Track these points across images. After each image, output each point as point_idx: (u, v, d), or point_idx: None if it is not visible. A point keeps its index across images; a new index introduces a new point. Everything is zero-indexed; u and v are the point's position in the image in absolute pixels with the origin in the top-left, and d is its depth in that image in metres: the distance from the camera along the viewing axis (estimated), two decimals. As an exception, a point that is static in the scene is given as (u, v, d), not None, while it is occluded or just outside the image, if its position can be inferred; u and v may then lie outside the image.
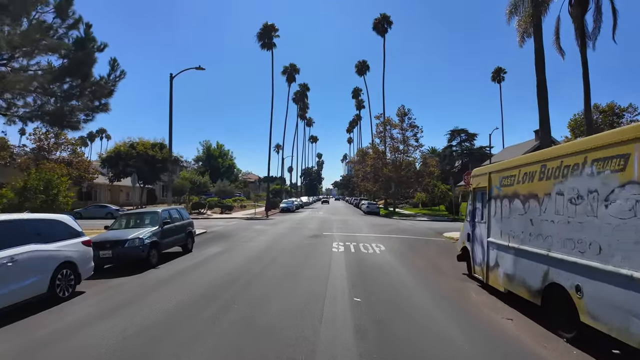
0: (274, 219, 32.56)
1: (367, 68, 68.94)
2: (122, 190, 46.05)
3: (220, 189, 47.46)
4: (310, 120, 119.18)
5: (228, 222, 27.30)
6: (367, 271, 9.75)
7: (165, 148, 39.77)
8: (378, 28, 54.48)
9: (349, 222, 27.30)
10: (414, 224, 26.53)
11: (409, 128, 42.14)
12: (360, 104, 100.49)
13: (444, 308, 6.63)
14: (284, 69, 62.16)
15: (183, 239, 12.71)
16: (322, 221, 28.45)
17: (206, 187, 44.32)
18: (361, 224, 25.62)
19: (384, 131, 43.89)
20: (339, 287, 7.97)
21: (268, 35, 48.91)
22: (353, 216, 36.54)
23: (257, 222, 27.64)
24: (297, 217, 33.97)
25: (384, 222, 28.84)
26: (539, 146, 46.52)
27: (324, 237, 17.16)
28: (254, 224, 26.24)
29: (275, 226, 23.67)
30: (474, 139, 73.21)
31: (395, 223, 27.46)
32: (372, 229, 22.35)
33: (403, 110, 42.06)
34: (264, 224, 25.99)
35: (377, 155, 44.62)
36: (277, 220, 29.45)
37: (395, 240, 16.88)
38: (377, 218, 34.68)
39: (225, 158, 70.90)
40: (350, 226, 23.85)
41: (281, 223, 26.42)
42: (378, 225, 24.65)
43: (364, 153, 72.42)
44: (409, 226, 24.86)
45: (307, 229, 21.29)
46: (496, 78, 76.63)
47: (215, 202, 40.03)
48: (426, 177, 40.81)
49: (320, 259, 11.45)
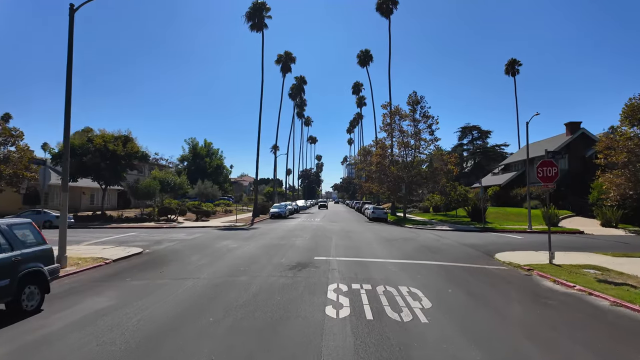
0: (257, 228, 25.80)
1: (371, 58, 62.40)
2: (84, 193, 39.29)
3: (201, 191, 40.70)
4: (308, 119, 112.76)
5: (192, 234, 20.56)
6: None
7: (130, 142, 33.12)
8: (382, 9, 48.01)
9: (352, 235, 20.55)
10: (439, 237, 19.79)
11: (422, 119, 35.49)
12: (362, 101, 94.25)
13: None
14: (279, 58, 55.49)
15: (6, 291, 5.96)
16: (316, 233, 21.68)
17: (182, 189, 37.59)
18: (370, 238, 18.87)
19: (392, 123, 37.21)
20: None
21: (259, 14, 42.37)
22: (357, 224, 29.78)
23: (231, 234, 20.91)
24: (286, 226, 27.22)
25: (398, 233, 22.11)
26: (572, 140, 39.99)
27: (314, 270, 10.32)
28: (226, 236, 19.51)
29: (249, 242, 16.92)
30: (487, 137, 66.79)
31: (413, 235, 20.70)
32: (388, 247, 15.59)
33: (415, 97, 35.39)
34: (237, 237, 19.25)
35: (383, 151, 37.88)
36: (259, 232, 22.67)
37: (433, 273, 10.14)
38: (386, 227, 27.93)
39: (214, 157, 64.34)
40: (356, 242, 17.08)
41: (261, 236, 19.65)
42: (394, 240, 17.89)
43: (367, 151, 65.83)
44: (435, 240, 18.12)
45: (292, 249, 14.51)
46: (510, 71, 70.25)
47: (189, 207, 33.32)
48: (443, 176, 34.08)
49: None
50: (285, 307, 6.70)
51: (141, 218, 30.74)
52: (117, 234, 20.56)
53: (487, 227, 26.26)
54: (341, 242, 17.02)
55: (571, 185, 37.99)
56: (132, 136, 34.11)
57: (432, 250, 14.71)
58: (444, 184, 33.89)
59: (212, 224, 28.94)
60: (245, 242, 16.88)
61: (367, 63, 62.39)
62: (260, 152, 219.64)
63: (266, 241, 17.26)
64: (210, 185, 40.39)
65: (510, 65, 69.66)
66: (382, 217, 35.08)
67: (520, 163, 47.97)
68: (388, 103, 37.78)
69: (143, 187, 31.74)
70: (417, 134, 35.92)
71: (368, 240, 17.71)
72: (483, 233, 23.15)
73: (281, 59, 55.25)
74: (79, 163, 30.88)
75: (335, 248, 14.83)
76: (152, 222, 29.01)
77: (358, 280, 8.90)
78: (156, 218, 30.71)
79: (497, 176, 52.88)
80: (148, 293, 7.71)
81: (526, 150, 28.44)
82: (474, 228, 25.87)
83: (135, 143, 33.65)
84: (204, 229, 24.95)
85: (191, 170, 60.22)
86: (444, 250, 14.80)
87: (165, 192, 36.82)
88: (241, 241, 17.14)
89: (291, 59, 55.49)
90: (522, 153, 50.97)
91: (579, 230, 23.80)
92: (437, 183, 33.87)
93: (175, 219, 30.69)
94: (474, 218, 32.12)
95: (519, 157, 49.36)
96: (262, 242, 16.99)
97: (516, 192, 43.53)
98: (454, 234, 22.35)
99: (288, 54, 55.34)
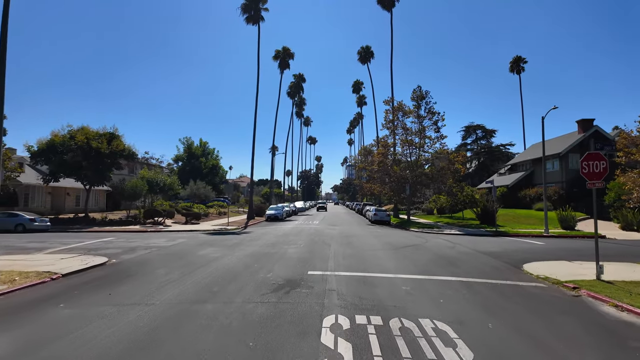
0: (249, 232, 23.60)
1: (372, 55, 60.26)
2: (68, 194, 37.01)
3: (193, 192, 38.48)
4: (308, 119, 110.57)
5: (174, 240, 18.35)
6: None
7: (116, 139, 30.91)
8: (384, 2, 45.90)
9: (354, 240, 18.35)
10: (452, 243, 17.59)
11: (427, 115, 33.30)
12: (362, 100, 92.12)
13: None
14: (276, 54, 53.24)
15: None
16: (313, 238, 19.48)
17: (172, 190, 35.37)
18: (374, 245, 16.66)
19: (394, 120, 35.03)
20: None
21: (255, 6, 40.24)
22: (358, 227, 27.57)
23: (218, 239, 18.72)
24: (281, 230, 25.02)
25: (405, 238, 19.91)
26: (585, 138, 37.76)
27: (306, 292, 8.00)
28: (211, 242, 17.31)
29: (234, 250, 14.70)
30: (492, 136, 64.50)
31: (421, 241, 18.50)
32: (396, 256, 13.36)
33: (420, 92, 33.21)
34: (223, 243, 17.06)
35: (385, 150, 35.71)
36: (249, 237, 20.47)
37: (459, 295, 7.89)
38: (390, 230, 25.72)
39: (209, 157, 62.13)
40: (358, 250, 14.86)
41: (250, 243, 17.45)
42: (402, 248, 15.67)
43: (368, 151, 63.64)
44: (448, 248, 15.90)
45: (282, 260, 12.28)
46: (515, 68, 68.18)
47: (179, 209, 31.14)
48: (450, 176, 31.88)
49: None
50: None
51: (126, 221, 28.55)
52: (92, 239, 18.37)
53: (499, 230, 24.08)
54: (341, 249, 14.79)
55: (585, 186, 35.78)
56: (118, 133, 31.90)
57: (449, 261, 12.50)
58: (450, 185, 31.69)
59: (202, 227, 26.75)
60: (231, 250, 14.66)
61: (367, 60, 60.28)
62: (258, 152, 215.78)
63: (255, 249, 15.03)
64: (204, 185, 38.15)
65: (515, 62, 67.62)
66: (385, 220, 32.90)
67: (529, 162, 45.77)
68: (391, 99, 35.58)
69: (129, 187, 29.56)
70: (421, 132, 33.72)
71: (372, 248, 15.50)
72: (497, 238, 20.97)
73: (279, 54, 53.07)
74: (59, 161, 28.70)
75: (333, 258, 12.61)
76: (137, 226, 26.83)
77: (364, 308, 6.69)
78: (142, 221, 28.52)
79: (503, 176, 50.69)
80: (67, 332, 5.48)
81: (542, 147, 26.22)
82: (486, 232, 23.68)
83: (122, 140, 31.42)
84: (191, 233, 22.76)
85: (185, 171, 58.04)
86: (462, 261, 12.58)
87: (154, 193, 34.63)
88: (226, 249, 14.91)
89: (289, 55, 53.30)
90: (530, 152, 48.76)
91: (600, 235, 21.62)
92: (444, 183, 31.66)
93: (163, 222, 28.49)
94: (483, 221, 29.95)
95: (528, 156, 47.16)
96: (250, 250, 14.77)
97: (525, 192, 41.31)
98: (466, 239, 20.16)
99: (286, 50, 53.16)
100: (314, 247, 15.61)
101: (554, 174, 40.02)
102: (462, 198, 34.64)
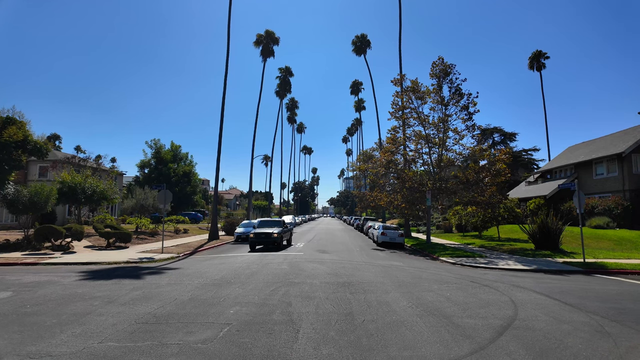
0: (174, 269, 14.02)
1: (368, 44, 51.90)
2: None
3: (139, 203, 28.90)
4: (301, 125, 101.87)
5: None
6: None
7: (13, 125, 21.56)
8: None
9: (358, 302, 8.87)
10: (551, 299, 8.11)
11: (453, 97, 24.34)
12: (360, 104, 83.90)
13: None
14: (257, 39, 44.55)
15: None
16: (271, 294, 9.99)
17: (105, 199, 25.87)
18: (416, 326, 7.18)
19: (404, 106, 25.99)
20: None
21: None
22: (360, 255, 17.96)
23: (85, 292, 9.23)
24: (231, 266, 15.51)
25: (463, 291, 10.25)
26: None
27: None
28: (35, 311, 7.84)
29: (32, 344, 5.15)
30: (512, 140, 55.77)
31: (498, 299, 9.03)
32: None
33: (443, 65, 24.28)
34: (57, 311, 7.55)
35: (394, 146, 26.45)
36: (148, 290, 10.96)
37: None
38: (414, 262, 16.09)
39: (182, 164, 52.81)
40: (376, 342, 5.36)
41: (119, 311, 7.92)
42: (477, 330, 6.14)
43: (369, 156, 54.54)
44: (559, 318, 6.44)
45: None
46: (535, 65, 60.24)
47: (97, 227, 21.58)
48: (490, 180, 22.66)
49: None
50: None
51: (9, 245, 18.94)
52: None
53: (588, 262, 14.81)
54: (324, 351, 5.30)
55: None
56: (21, 119, 22.61)
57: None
58: (492, 193, 22.30)
59: (119, 255, 17.18)
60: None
61: (364, 50, 51.86)
62: (255, 164, 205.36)
63: (95, 346, 5.51)
64: (153, 195, 28.61)
65: (534, 58, 59.82)
66: (398, 242, 23.48)
67: (570, 168, 36.88)
68: (400, 77, 26.56)
69: (26, 195, 20.04)
70: (444, 121, 24.71)
71: (413, 344, 6.04)
72: (595, 278, 11.68)
73: (261, 40, 44.33)
74: None
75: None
76: (20, 253, 17.27)
77: None
78: (34, 245, 18.95)
79: (534, 186, 41.70)
80: None
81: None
82: (566, 266, 14.36)
83: (26, 128, 22.15)
84: (77, 267, 13.24)
85: (151, 179, 48.55)
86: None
87: (77, 202, 25.08)
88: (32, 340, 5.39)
89: (273, 40, 44.60)
90: (567, 156, 39.84)
91: None
92: (483, 191, 22.29)
93: (67, 245, 18.88)
94: (540, 244, 20.58)
95: (565, 160, 38.25)
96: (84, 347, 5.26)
97: (569, 205, 32.19)
98: (554, 283, 10.71)
99: (269, 34, 44.47)
100: (256, 337, 6.09)
101: (610, 181, 31.12)
102: (501, 212, 25.42)
